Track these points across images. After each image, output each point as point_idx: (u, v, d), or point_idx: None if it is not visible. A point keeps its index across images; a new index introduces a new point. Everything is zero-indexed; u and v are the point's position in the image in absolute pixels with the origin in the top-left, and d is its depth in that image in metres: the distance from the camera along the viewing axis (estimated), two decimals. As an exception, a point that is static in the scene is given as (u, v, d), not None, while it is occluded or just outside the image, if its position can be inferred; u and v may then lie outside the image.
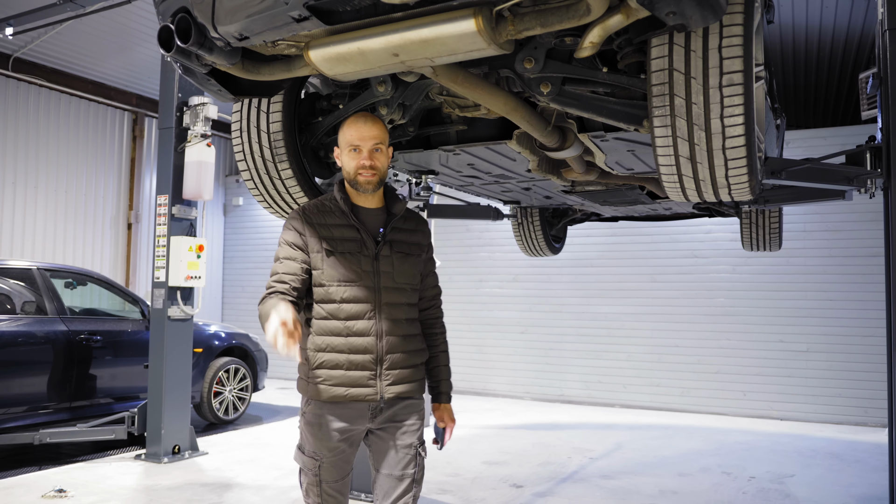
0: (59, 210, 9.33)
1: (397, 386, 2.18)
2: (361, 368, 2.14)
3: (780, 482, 5.06)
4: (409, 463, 2.21)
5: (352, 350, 2.14)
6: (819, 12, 6.87)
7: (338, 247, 2.17)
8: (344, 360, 2.13)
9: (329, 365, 2.14)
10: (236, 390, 7.05)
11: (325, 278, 2.16)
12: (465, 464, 5.45)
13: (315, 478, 2.16)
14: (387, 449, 2.21)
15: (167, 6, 2.11)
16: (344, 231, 2.19)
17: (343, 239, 2.18)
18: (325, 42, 2.06)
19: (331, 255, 2.16)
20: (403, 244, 2.25)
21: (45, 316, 5.54)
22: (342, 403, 2.15)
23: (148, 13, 7.55)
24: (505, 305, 9.40)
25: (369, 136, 2.19)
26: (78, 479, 4.84)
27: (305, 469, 2.19)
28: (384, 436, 2.22)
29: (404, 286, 2.24)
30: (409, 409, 2.25)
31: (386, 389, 2.16)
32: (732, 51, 1.94)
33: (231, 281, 11.78)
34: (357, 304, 2.15)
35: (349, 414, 2.16)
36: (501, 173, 3.65)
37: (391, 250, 2.22)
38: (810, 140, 7.93)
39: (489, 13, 1.83)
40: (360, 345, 2.14)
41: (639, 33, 2.07)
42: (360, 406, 2.16)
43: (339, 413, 2.15)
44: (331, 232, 2.19)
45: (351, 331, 2.14)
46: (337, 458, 2.18)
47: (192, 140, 5.58)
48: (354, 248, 2.17)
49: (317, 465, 2.16)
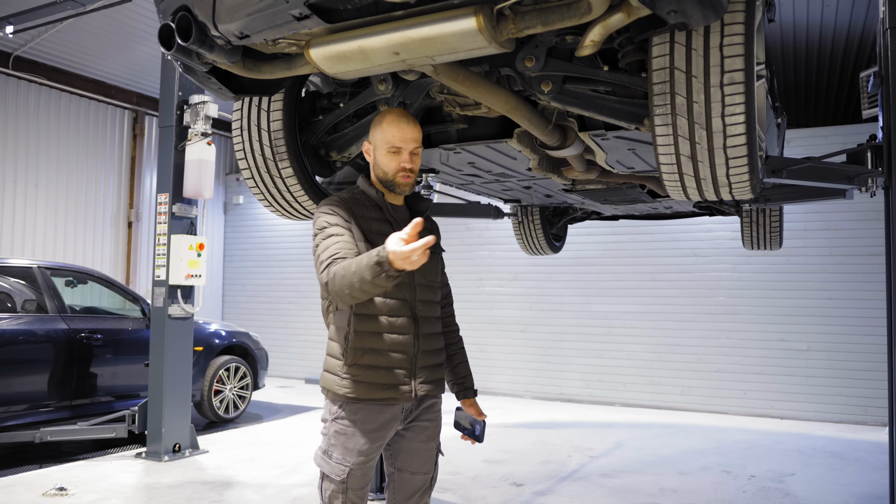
0: (60, 208, 9.34)
1: (427, 385, 2.17)
2: (399, 367, 2.11)
3: (781, 481, 5.06)
4: (430, 464, 2.22)
5: (392, 349, 2.10)
6: (820, 11, 6.86)
7: (377, 241, 2.05)
8: (384, 359, 2.09)
9: (370, 364, 2.09)
10: (237, 389, 7.06)
11: None
12: (466, 462, 5.45)
13: (342, 485, 2.07)
14: (411, 447, 2.20)
15: (168, 4, 2.10)
16: (380, 225, 2.16)
17: (381, 233, 2.09)
18: (325, 40, 2.05)
19: (369, 247, 2.07)
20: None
21: (46, 314, 5.54)
22: (378, 406, 2.10)
23: (148, 11, 7.55)
24: (505, 304, 9.40)
25: (411, 137, 2.16)
26: (78, 477, 4.85)
27: (332, 476, 2.09)
28: (409, 435, 2.20)
29: (433, 283, 2.24)
30: (432, 408, 2.25)
31: (419, 388, 2.14)
32: (734, 49, 1.93)
33: (231, 279, 11.78)
34: (397, 301, 2.12)
35: (384, 418, 2.11)
36: (502, 172, 3.65)
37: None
38: (811, 139, 7.92)
39: (490, 12, 1.83)
40: (401, 343, 2.11)
41: (640, 32, 2.06)
42: (394, 409, 2.12)
43: (374, 417, 2.10)
44: (370, 225, 2.14)
45: (393, 328, 2.10)
46: (367, 465, 2.11)
47: (192, 138, 5.58)
48: None
49: (346, 471, 2.07)
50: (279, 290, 11.12)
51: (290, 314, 10.88)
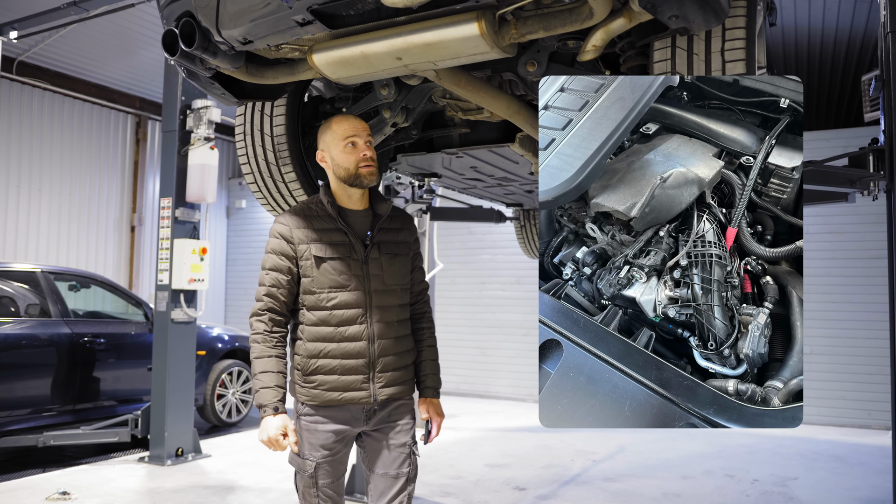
0: (63, 213, 9.36)
1: (390, 388, 2.18)
2: (355, 373, 2.14)
3: (784, 485, 5.05)
4: (403, 462, 2.22)
5: (345, 355, 2.14)
6: (821, 14, 6.87)
7: (326, 252, 2.14)
8: (337, 365, 2.13)
9: (323, 370, 2.14)
10: (239, 393, 7.06)
11: (315, 285, 2.15)
12: (468, 466, 5.44)
13: (311, 479, 2.16)
14: (381, 449, 2.22)
15: (171, 10, 2.12)
16: (332, 235, 2.17)
17: (331, 244, 2.16)
18: (328, 46, 2.06)
19: (320, 262, 2.14)
20: (391, 244, 2.24)
21: (49, 319, 5.55)
22: (336, 407, 2.16)
23: (152, 17, 7.58)
24: (508, 308, 9.39)
25: (362, 127, 2.19)
26: (81, 481, 4.85)
27: (301, 472, 2.19)
28: (378, 436, 2.23)
29: (395, 287, 2.23)
30: (401, 409, 2.26)
31: (379, 392, 2.16)
32: (735, 54, 1.94)
33: (234, 283, 11.79)
34: (348, 309, 2.14)
35: (343, 416, 2.17)
36: (504, 176, 3.66)
37: (380, 252, 2.20)
38: (813, 142, 7.91)
39: (492, 17, 1.84)
40: (353, 349, 2.14)
41: (641, 36, 2.07)
42: (354, 409, 2.17)
43: (333, 416, 2.16)
44: (318, 237, 2.16)
45: (343, 336, 2.14)
46: (332, 460, 2.18)
47: (195, 143, 5.60)
48: (343, 253, 2.16)
49: (312, 465, 2.15)
50: (281, 294, 11.10)
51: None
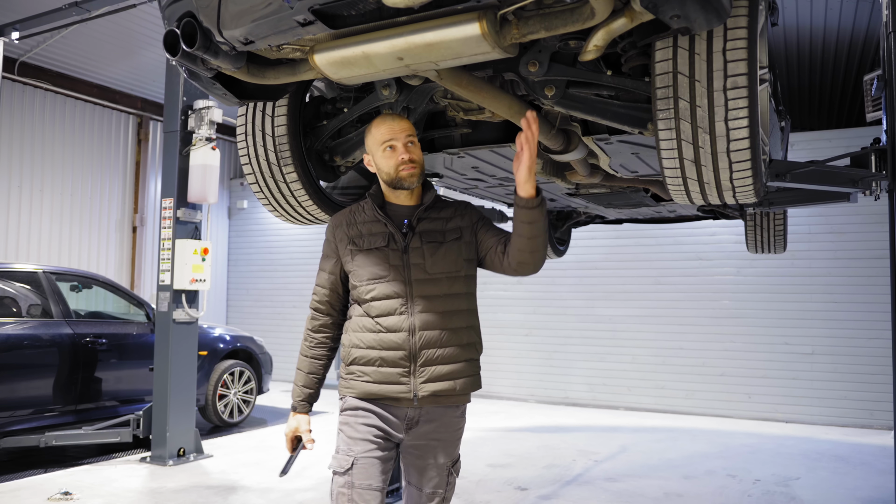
0: (65, 213, 9.37)
1: (433, 384, 2.10)
2: (393, 365, 2.11)
3: (786, 485, 5.04)
4: (439, 482, 2.20)
5: (383, 347, 2.11)
6: (823, 14, 6.86)
7: (364, 244, 2.17)
8: (376, 357, 2.12)
9: (362, 361, 2.13)
10: (241, 393, 7.06)
11: (356, 278, 2.18)
12: (470, 466, 5.44)
13: (348, 478, 2.07)
14: (420, 465, 2.20)
15: (173, 10, 2.11)
16: (372, 227, 2.19)
17: (370, 234, 2.18)
18: (329, 46, 2.06)
19: (358, 253, 2.17)
20: (436, 233, 2.18)
21: (51, 319, 5.56)
22: (376, 401, 2.14)
23: (153, 17, 7.59)
24: (509, 308, 9.39)
25: (400, 129, 2.18)
26: (83, 481, 4.86)
27: (338, 469, 2.10)
28: (417, 452, 2.20)
29: (440, 276, 2.15)
30: (445, 426, 2.19)
31: (420, 387, 2.10)
32: (737, 54, 1.93)
33: (236, 284, 11.80)
34: (387, 300, 2.13)
35: (384, 416, 2.13)
36: (506, 176, 3.65)
37: (422, 241, 2.16)
38: (815, 142, 7.91)
39: (493, 17, 1.84)
40: (393, 341, 2.10)
41: (643, 36, 2.06)
42: (395, 412, 2.13)
43: (373, 411, 2.13)
44: (359, 230, 2.20)
45: (382, 327, 2.12)
46: (371, 459, 2.10)
47: (196, 143, 5.60)
48: (381, 243, 2.16)
49: (349, 461, 2.08)
50: (283, 294, 11.13)
51: (295, 318, 10.88)
